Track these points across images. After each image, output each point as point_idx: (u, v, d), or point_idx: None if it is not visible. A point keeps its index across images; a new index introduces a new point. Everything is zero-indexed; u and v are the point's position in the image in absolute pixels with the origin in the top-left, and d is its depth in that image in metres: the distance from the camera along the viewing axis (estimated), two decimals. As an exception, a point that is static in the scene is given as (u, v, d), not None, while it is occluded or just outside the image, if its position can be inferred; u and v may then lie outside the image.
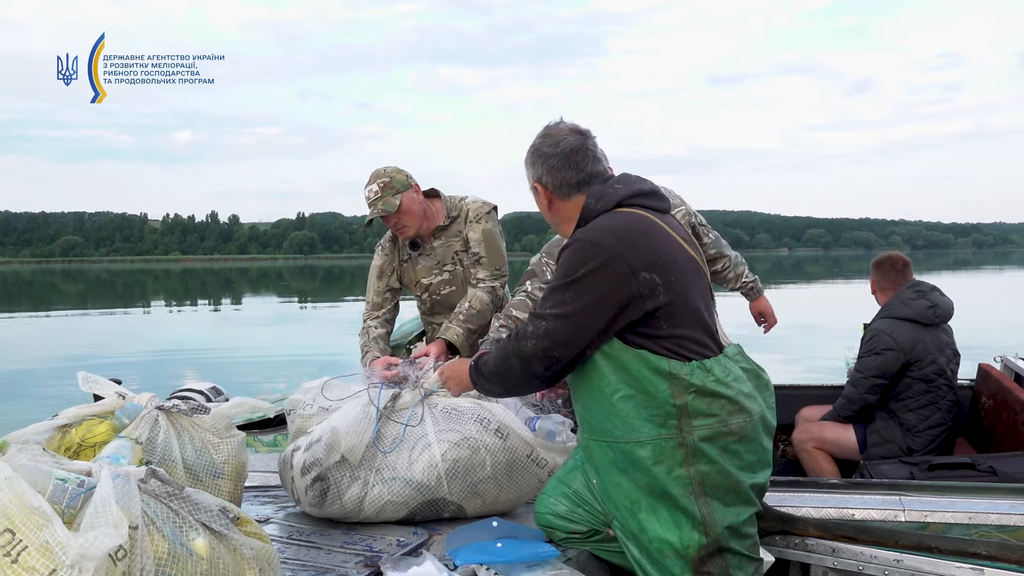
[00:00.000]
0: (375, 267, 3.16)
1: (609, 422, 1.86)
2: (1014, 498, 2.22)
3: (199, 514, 1.59)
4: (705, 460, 1.82)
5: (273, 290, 38.84)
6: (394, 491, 2.23)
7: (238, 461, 2.13)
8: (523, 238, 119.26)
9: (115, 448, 1.87)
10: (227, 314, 24.32)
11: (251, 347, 14.08)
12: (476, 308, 2.97)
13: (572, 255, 1.83)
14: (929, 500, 2.25)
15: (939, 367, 3.27)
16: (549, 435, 2.34)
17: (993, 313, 3.25)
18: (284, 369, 11.25)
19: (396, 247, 3.15)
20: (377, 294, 3.14)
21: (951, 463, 2.76)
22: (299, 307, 26.88)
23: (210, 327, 19.92)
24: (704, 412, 1.82)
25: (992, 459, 2.74)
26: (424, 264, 3.12)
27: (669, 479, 1.82)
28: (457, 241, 3.08)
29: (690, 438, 1.81)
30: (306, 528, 2.31)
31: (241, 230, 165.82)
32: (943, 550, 1.92)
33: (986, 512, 2.17)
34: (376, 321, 3.11)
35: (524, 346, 1.85)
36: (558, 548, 2.05)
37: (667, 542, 1.83)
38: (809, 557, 2.09)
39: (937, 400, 3.27)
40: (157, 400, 2.08)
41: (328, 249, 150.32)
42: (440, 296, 3.15)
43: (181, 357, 12.92)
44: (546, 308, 1.84)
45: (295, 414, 2.45)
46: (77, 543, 1.30)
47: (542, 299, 1.87)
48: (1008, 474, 2.62)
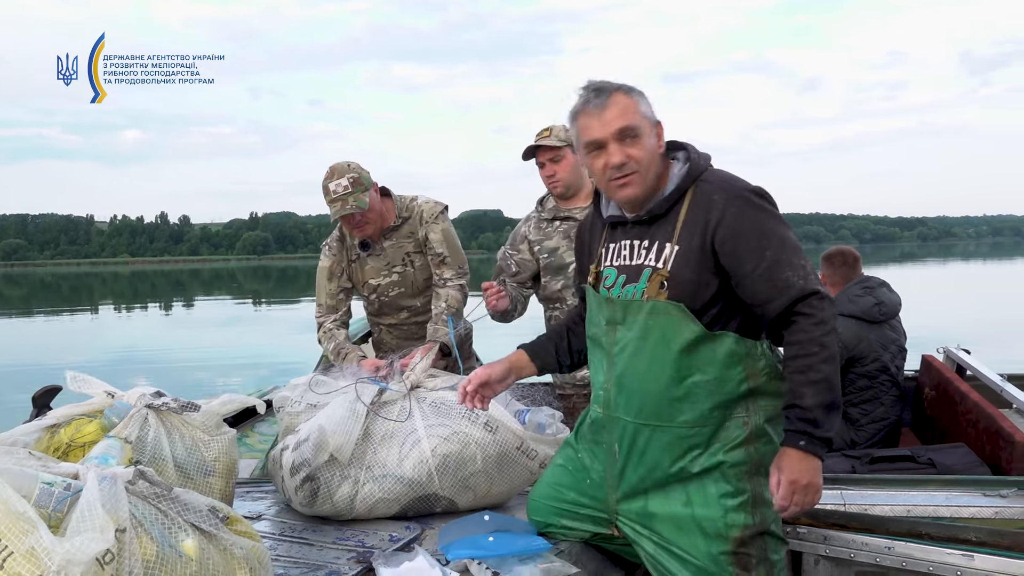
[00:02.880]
0: (324, 269, 3.07)
1: (672, 407, 1.81)
2: (950, 490, 2.27)
3: (188, 514, 1.57)
4: (765, 440, 1.81)
5: (226, 291, 38.32)
6: (385, 488, 2.21)
7: (229, 458, 2.10)
8: (480, 236, 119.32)
9: (104, 448, 1.84)
10: (179, 316, 23.95)
11: (205, 349, 13.91)
12: (454, 307, 2.96)
13: (770, 203, 1.81)
14: (869, 494, 2.29)
15: (882, 364, 3.32)
16: (539, 428, 2.33)
17: (937, 304, 3.35)
18: (239, 371, 11.14)
19: (344, 247, 3.07)
20: (330, 296, 3.05)
21: (891, 456, 2.82)
22: (253, 308, 26.49)
23: (162, 330, 19.59)
24: (771, 392, 1.80)
25: (932, 451, 2.80)
26: (373, 265, 3.04)
27: (728, 458, 1.80)
28: (409, 242, 3.02)
29: (755, 418, 1.80)
30: (298, 524, 2.29)
31: (192, 231, 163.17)
32: (934, 536, 1.93)
33: (924, 505, 2.21)
34: (335, 324, 3.03)
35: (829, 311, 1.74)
36: (550, 541, 2.05)
37: (711, 520, 1.81)
38: (801, 546, 2.09)
39: (880, 395, 3.32)
40: (147, 398, 2.02)
41: (282, 249, 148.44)
42: (388, 297, 3.08)
43: (132, 361, 12.71)
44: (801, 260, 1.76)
45: (283, 411, 2.42)
46: (63, 548, 1.28)
47: (776, 245, 1.74)
48: (946, 466, 2.67)
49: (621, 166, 1.81)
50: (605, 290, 1.94)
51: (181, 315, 24.23)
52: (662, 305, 1.80)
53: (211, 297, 33.69)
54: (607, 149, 1.82)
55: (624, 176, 1.82)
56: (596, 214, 2.06)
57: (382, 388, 2.32)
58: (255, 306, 27.24)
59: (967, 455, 2.75)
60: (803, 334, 1.72)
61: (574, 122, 1.89)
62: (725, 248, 1.77)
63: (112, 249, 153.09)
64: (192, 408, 2.06)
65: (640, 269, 1.86)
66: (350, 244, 3.05)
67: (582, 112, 1.85)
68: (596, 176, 1.88)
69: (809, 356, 1.71)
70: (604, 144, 1.82)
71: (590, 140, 1.84)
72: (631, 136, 1.81)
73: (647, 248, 1.87)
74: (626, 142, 1.81)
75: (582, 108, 1.85)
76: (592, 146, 1.84)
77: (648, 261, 1.85)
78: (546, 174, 2.96)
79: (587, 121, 1.84)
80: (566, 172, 2.94)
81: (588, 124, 1.84)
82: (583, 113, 1.85)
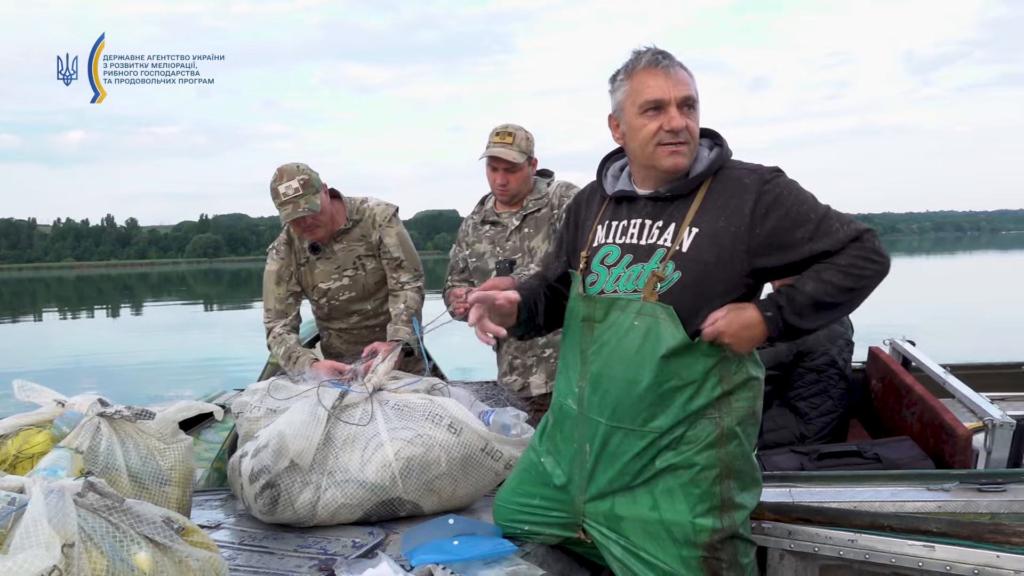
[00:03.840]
0: (271, 273, 2.99)
1: (647, 412, 1.78)
2: (895, 485, 2.31)
3: (141, 526, 1.53)
4: (736, 442, 1.80)
5: (176, 295, 37.51)
6: (348, 493, 2.17)
7: (186, 467, 2.05)
8: (435, 236, 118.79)
9: (53, 460, 1.80)
10: (127, 321, 23.36)
11: (155, 354, 13.58)
12: (413, 308, 2.92)
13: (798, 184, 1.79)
14: (818, 491, 2.32)
15: (830, 358, 3.38)
16: (503, 428, 2.31)
17: (884, 297, 3.47)
18: (191, 375, 10.91)
19: (292, 250, 3.01)
20: (279, 300, 2.97)
21: (838, 452, 2.85)
22: (204, 312, 25.98)
23: (109, 335, 19.08)
24: (744, 396, 1.80)
25: (878, 445, 2.84)
26: (323, 268, 2.98)
27: (697, 460, 1.78)
28: (360, 245, 2.97)
29: (727, 420, 1.79)
30: (258, 532, 2.24)
31: (140, 234, 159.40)
32: (896, 528, 1.95)
33: (870, 500, 2.24)
34: (285, 329, 2.96)
35: (871, 239, 1.73)
36: (516, 543, 2.02)
37: (679, 525, 1.79)
38: (766, 540, 2.10)
39: (828, 389, 3.37)
40: (99, 406, 1.95)
41: (234, 252, 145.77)
42: (339, 301, 3.02)
43: (79, 368, 12.32)
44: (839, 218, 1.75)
45: (242, 417, 2.36)
46: (4, 567, 1.25)
47: (815, 207, 1.74)
48: (891, 460, 2.71)
49: (679, 132, 1.76)
50: (603, 267, 1.87)
51: (129, 320, 23.63)
52: (650, 307, 1.77)
53: (160, 301, 32.95)
54: (667, 112, 1.75)
55: (679, 143, 1.77)
56: (595, 189, 2.00)
57: (344, 391, 2.28)
58: (206, 310, 26.74)
59: (912, 448, 2.80)
60: (847, 256, 1.72)
61: (627, 79, 1.80)
62: (767, 225, 1.73)
63: (56, 253, 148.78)
64: (147, 416, 2.00)
65: (652, 249, 1.81)
66: (299, 247, 2.99)
67: (644, 70, 1.78)
68: (642, 138, 1.79)
69: (836, 265, 1.71)
70: (666, 106, 1.76)
71: (651, 99, 1.76)
72: (690, 106, 1.78)
73: (660, 228, 1.81)
74: (684, 111, 1.77)
75: (645, 66, 1.78)
76: (650, 105, 1.76)
77: (663, 241, 1.80)
78: (499, 182, 2.94)
79: (650, 80, 1.76)
80: (518, 183, 2.93)
81: (651, 83, 1.76)
82: (645, 71, 1.78)
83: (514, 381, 3.00)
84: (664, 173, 1.81)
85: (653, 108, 1.76)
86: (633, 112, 1.79)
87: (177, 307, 28.62)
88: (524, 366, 2.99)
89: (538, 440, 2.06)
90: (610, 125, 1.90)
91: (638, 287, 1.80)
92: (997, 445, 2.48)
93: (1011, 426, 2.49)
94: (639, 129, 1.79)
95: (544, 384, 2.95)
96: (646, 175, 1.86)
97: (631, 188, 1.89)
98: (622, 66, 1.83)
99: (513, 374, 3.01)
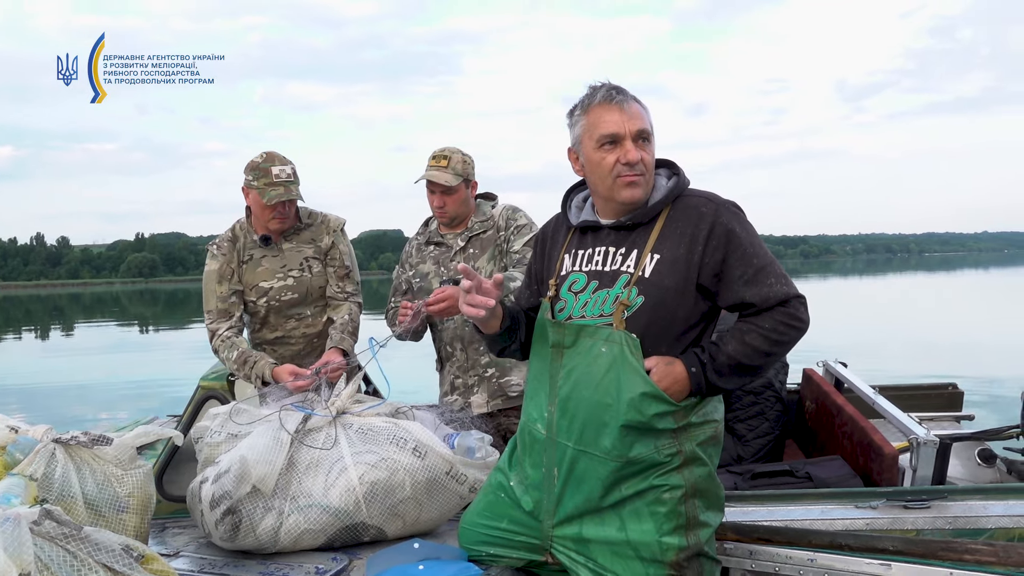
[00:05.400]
0: (212, 272, 2.90)
1: (611, 439, 1.82)
2: (825, 503, 2.36)
3: (99, 555, 1.54)
4: (699, 463, 1.84)
5: (109, 316, 36.28)
6: (311, 519, 2.13)
7: (144, 493, 2.01)
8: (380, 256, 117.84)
9: (5, 487, 1.75)
10: (57, 343, 22.50)
11: (87, 377, 13.08)
12: (356, 321, 2.93)
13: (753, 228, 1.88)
14: (751, 510, 2.36)
15: (767, 380, 3.43)
16: (468, 452, 2.30)
17: (819, 319, 3.54)
18: (126, 400, 10.55)
19: (235, 247, 2.94)
20: (221, 300, 2.86)
21: (771, 471, 2.90)
22: (140, 333, 25.22)
23: (38, 358, 18.36)
24: (702, 422, 1.86)
25: (810, 464, 2.90)
26: (268, 266, 2.92)
27: (662, 482, 1.82)
28: (309, 248, 2.96)
29: (688, 445, 1.83)
30: (219, 560, 2.20)
31: (72, 253, 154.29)
32: (853, 547, 2.01)
33: (801, 519, 2.29)
34: (231, 331, 2.85)
35: (791, 291, 1.80)
36: (481, 567, 2.01)
37: (647, 544, 1.81)
38: (728, 560, 2.13)
39: (765, 411, 3.43)
40: (54, 432, 1.87)
41: (171, 272, 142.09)
42: (279, 302, 2.93)
43: (4, 391, 11.77)
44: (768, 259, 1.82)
45: (203, 442, 2.29)
46: None
47: (761, 255, 1.82)
48: (822, 479, 2.77)
49: (635, 164, 1.82)
50: (571, 294, 1.93)
51: (59, 342, 22.77)
52: (619, 335, 1.82)
53: (93, 322, 31.85)
54: (623, 145, 1.82)
55: (635, 175, 1.84)
56: (561, 220, 2.06)
57: (307, 415, 2.24)
58: (142, 332, 25.95)
59: (842, 467, 2.86)
60: (771, 320, 1.80)
61: (583, 114, 1.87)
62: (716, 256, 1.81)
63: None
64: (104, 441, 1.95)
65: (616, 275, 1.87)
66: (243, 244, 2.93)
67: (599, 105, 1.85)
68: (600, 172, 1.86)
69: (760, 328, 1.80)
70: (621, 139, 1.82)
71: (607, 133, 1.83)
72: (645, 139, 1.85)
73: (623, 255, 1.88)
74: (639, 144, 1.84)
75: (600, 101, 1.85)
76: (606, 139, 1.83)
77: (626, 267, 1.87)
78: (436, 204, 2.96)
79: (606, 115, 1.83)
80: (455, 205, 2.95)
81: (607, 118, 1.83)
82: (600, 106, 1.85)
83: (455, 401, 2.97)
84: (623, 204, 1.88)
85: (609, 142, 1.84)
86: (591, 146, 1.87)
87: (111, 328, 27.71)
88: (465, 385, 2.97)
89: (507, 463, 2.06)
90: (570, 158, 1.97)
91: (604, 311, 1.86)
92: (922, 463, 2.55)
93: (935, 445, 2.55)
94: (598, 163, 1.86)
95: (486, 403, 2.93)
96: (607, 206, 1.92)
97: (594, 218, 1.96)
98: (578, 101, 1.91)
99: (454, 394, 2.99)
